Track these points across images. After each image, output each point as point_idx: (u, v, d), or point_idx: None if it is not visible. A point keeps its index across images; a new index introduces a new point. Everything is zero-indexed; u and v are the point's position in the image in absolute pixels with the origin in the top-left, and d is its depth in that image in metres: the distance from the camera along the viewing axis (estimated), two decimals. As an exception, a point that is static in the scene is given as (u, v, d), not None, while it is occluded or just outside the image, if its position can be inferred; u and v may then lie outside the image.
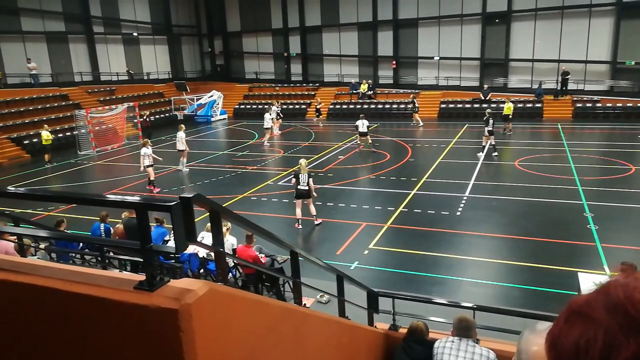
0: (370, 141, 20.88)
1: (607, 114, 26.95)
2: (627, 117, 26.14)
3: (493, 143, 18.80)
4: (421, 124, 26.57)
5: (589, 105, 27.84)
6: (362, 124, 20.78)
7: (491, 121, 18.86)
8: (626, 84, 28.08)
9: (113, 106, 27.13)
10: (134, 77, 35.63)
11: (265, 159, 20.80)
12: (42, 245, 7.59)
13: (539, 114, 28.25)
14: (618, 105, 27.08)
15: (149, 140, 17.57)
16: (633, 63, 27.75)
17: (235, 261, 8.33)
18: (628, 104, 26.85)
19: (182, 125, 19.38)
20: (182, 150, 18.79)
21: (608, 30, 28.28)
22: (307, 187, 12.14)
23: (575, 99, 28.40)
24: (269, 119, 24.04)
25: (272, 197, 15.21)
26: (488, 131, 18.80)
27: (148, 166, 16.17)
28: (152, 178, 16.38)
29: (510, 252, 10.47)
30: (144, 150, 16.21)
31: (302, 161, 12.59)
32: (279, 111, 27.97)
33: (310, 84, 36.78)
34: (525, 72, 31.05)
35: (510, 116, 23.83)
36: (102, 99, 30.76)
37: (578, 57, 29.00)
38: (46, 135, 21.18)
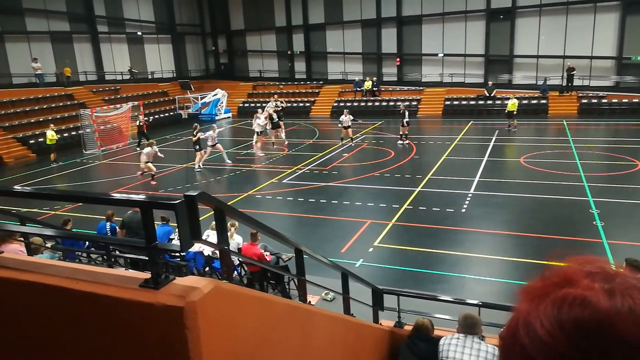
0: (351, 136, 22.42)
1: (612, 109, 26.77)
2: (633, 113, 25.94)
3: (405, 132, 21.32)
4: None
5: (594, 101, 27.68)
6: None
7: (407, 113, 21.34)
8: (632, 79, 27.89)
9: (118, 105, 27.21)
10: (137, 75, 35.70)
11: (270, 157, 20.81)
12: (48, 244, 7.63)
13: (544, 110, 28.10)
14: (624, 100, 26.91)
15: (154, 141, 18.06)
16: (639, 58, 27.56)
17: (240, 259, 8.35)
18: (634, 100, 26.66)
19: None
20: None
21: (613, 25, 28.09)
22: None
23: (580, 94, 28.24)
24: (262, 121, 21.38)
25: (277, 195, 15.22)
26: (406, 122, 21.21)
27: (147, 162, 16.94)
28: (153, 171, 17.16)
29: (516, 249, 10.44)
30: (148, 150, 16.97)
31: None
32: (278, 109, 25.21)
33: (314, 82, 36.76)
34: (530, 69, 30.89)
35: (515, 112, 23.73)
36: (106, 98, 30.84)
37: (583, 52, 28.82)
38: (51, 135, 21.24)
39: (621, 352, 0.61)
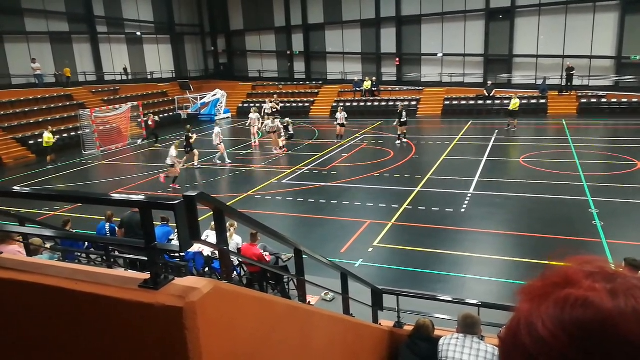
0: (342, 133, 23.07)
1: (612, 109, 26.80)
2: (633, 112, 25.97)
3: (403, 132, 21.57)
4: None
5: (593, 100, 27.70)
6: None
7: (404, 113, 21.48)
8: (631, 79, 27.92)
9: (117, 106, 27.21)
10: (136, 76, 35.70)
11: (269, 157, 20.82)
12: (48, 245, 7.63)
13: (543, 110, 28.12)
14: (623, 100, 26.94)
15: (177, 143, 17.65)
16: (638, 58, 27.58)
17: (239, 259, 8.36)
18: (633, 99, 26.69)
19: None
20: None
21: (613, 25, 28.12)
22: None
23: (580, 94, 28.26)
24: (272, 123, 21.70)
25: (277, 195, 15.22)
26: (401, 122, 21.32)
27: (171, 165, 16.54)
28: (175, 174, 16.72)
29: (515, 249, 10.44)
30: (175, 152, 16.54)
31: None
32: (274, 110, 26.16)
33: (314, 82, 36.77)
34: (529, 68, 30.91)
35: (511, 111, 23.67)
36: (106, 98, 30.84)
37: (583, 52, 28.85)
38: (47, 137, 21.11)
39: (624, 352, 0.61)
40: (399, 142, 21.61)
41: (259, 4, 39.22)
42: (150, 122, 25.11)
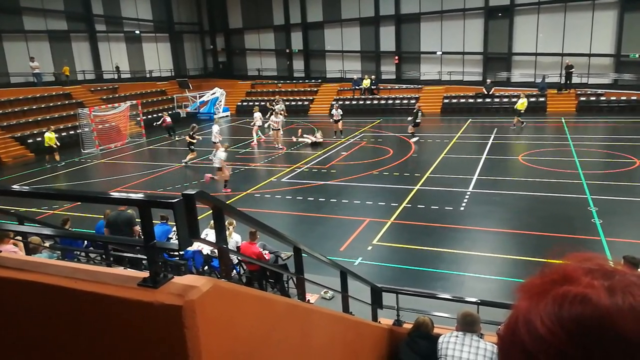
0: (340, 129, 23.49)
1: (611, 107, 26.82)
2: (632, 110, 25.99)
3: (412, 132, 21.87)
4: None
5: (593, 98, 27.70)
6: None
7: (419, 114, 21.87)
8: (630, 77, 27.90)
9: (116, 104, 27.18)
10: (135, 74, 35.64)
11: (269, 155, 20.81)
12: (47, 243, 7.63)
13: (542, 108, 28.12)
14: (622, 98, 26.94)
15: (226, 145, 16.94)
16: (637, 56, 27.56)
17: (239, 258, 8.36)
18: (632, 97, 26.69)
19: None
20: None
21: (612, 23, 28.10)
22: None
23: (579, 92, 28.26)
24: (277, 119, 22.14)
25: (276, 193, 15.22)
26: (415, 122, 21.62)
27: (219, 169, 15.49)
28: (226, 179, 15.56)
29: (514, 247, 10.45)
30: (224, 155, 15.40)
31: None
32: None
33: (313, 80, 36.74)
34: (528, 66, 30.89)
35: (522, 111, 23.64)
36: (104, 97, 30.77)
37: (582, 50, 28.83)
38: (48, 137, 20.93)
39: (622, 349, 0.61)
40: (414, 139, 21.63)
41: (258, 3, 39.14)
42: (168, 120, 25.84)
